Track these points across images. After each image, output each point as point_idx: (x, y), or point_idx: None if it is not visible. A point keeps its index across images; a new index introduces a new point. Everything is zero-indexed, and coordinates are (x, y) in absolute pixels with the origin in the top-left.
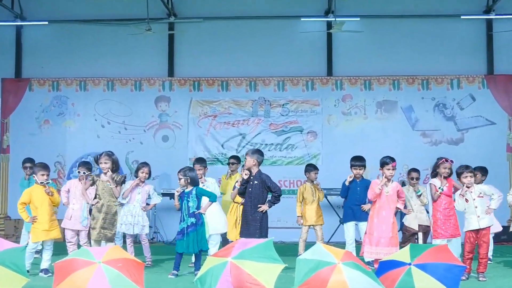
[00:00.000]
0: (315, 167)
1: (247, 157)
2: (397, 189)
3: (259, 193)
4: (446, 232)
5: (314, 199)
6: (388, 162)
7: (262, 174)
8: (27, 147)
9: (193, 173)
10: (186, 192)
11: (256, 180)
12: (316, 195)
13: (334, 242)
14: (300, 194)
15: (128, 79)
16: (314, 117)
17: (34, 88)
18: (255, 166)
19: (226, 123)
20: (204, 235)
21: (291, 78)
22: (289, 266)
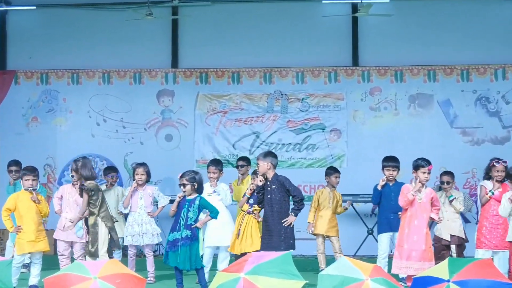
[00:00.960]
0: (336, 170)
1: (260, 162)
2: (431, 195)
3: (280, 198)
4: (490, 243)
5: (329, 206)
6: (423, 165)
7: (279, 176)
8: (12, 148)
9: (201, 179)
10: (188, 200)
11: (274, 184)
12: (333, 202)
13: (361, 256)
14: (315, 199)
15: (126, 71)
16: (337, 113)
17: (21, 81)
18: (270, 170)
19: (237, 120)
20: (198, 252)
21: (311, 69)
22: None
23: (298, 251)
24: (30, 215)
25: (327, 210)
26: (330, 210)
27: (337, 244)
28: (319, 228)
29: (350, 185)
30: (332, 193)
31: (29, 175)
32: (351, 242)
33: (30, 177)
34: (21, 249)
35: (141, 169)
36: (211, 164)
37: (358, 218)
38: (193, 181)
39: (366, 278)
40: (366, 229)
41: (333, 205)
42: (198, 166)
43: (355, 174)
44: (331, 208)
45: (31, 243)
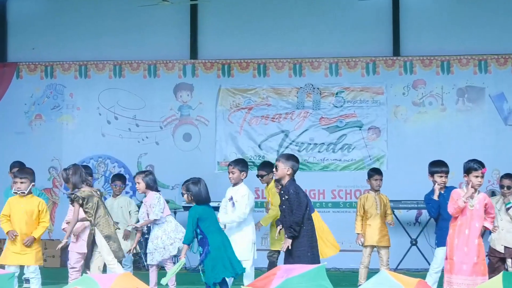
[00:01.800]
0: (376, 172)
1: (280, 163)
2: (485, 202)
3: (290, 211)
4: None
5: (377, 213)
6: (476, 168)
7: (291, 188)
8: (13, 149)
9: (196, 188)
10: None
11: (286, 194)
12: (381, 208)
13: (404, 269)
14: (360, 206)
15: (140, 63)
16: (376, 109)
17: (23, 75)
18: (288, 176)
19: (264, 117)
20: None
21: (346, 59)
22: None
23: (332, 264)
24: (19, 223)
25: (375, 217)
26: (379, 217)
27: (386, 256)
28: (368, 238)
29: (390, 190)
30: (378, 197)
31: (17, 177)
32: (392, 254)
33: (18, 180)
34: (5, 259)
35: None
36: (231, 162)
37: (400, 227)
38: (185, 190)
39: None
40: (409, 239)
41: (381, 211)
42: (220, 169)
43: (396, 178)
44: (379, 215)
45: (15, 255)
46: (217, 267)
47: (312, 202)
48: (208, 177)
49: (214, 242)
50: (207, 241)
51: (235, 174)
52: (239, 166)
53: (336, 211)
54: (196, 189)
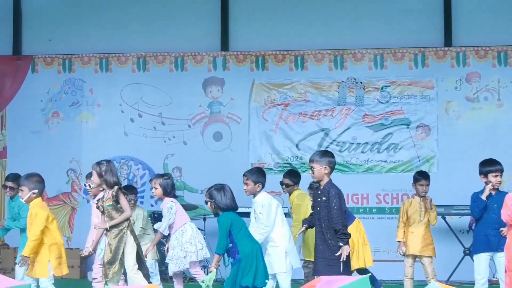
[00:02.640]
0: (423, 176)
1: (315, 164)
2: None
3: (326, 215)
4: None
5: (421, 220)
6: None
7: (332, 189)
8: (29, 149)
9: (220, 195)
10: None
11: (325, 196)
12: (425, 215)
13: (456, 281)
14: (403, 212)
15: (166, 55)
16: (426, 105)
17: (39, 69)
18: (326, 175)
19: (302, 114)
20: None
21: (393, 51)
22: None
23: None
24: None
25: (418, 224)
26: (423, 225)
27: (430, 267)
28: (410, 247)
29: (441, 194)
30: (422, 203)
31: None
32: (443, 265)
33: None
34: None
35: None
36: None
37: (451, 235)
38: (208, 197)
39: None
40: (462, 248)
41: (425, 219)
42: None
43: (447, 180)
44: (423, 222)
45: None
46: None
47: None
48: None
49: (245, 250)
50: (236, 249)
51: (249, 186)
52: (254, 177)
53: (382, 217)
54: (219, 196)
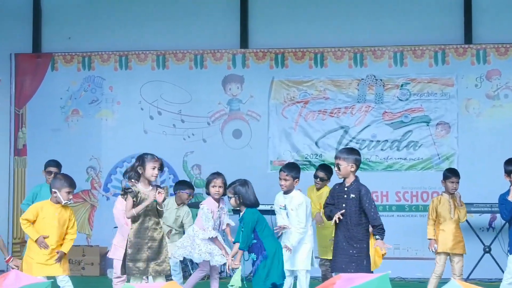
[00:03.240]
0: (453, 173)
1: (341, 161)
2: None
3: (356, 212)
4: None
5: (451, 217)
6: None
7: (362, 186)
8: (49, 147)
9: (244, 189)
10: (240, 219)
11: (353, 193)
12: (454, 212)
13: (476, 279)
14: (432, 209)
15: (185, 53)
16: (446, 103)
17: (58, 67)
18: (352, 173)
19: (321, 111)
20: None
21: (412, 48)
22: None
23: (397, 273)
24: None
25: (449, 222)
26: (453, 222)
27: (460, 265)
28: (441, 245)
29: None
30: (452, 200)
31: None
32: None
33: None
34: (28, 270)
35: (219, 181)
36: (284, 168)
37: (472, 233)
38: (233, 193)
39: None
40: (482, 246)
41: (455, 216)
42: (273, 169)
43: (468, 178)
44: (454, 220)
45: (41, 266)
46: (271, 274)
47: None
48: (260, 177)
49: (270, 248)
50: (262, 246)
51: (288, 181)
52: (293, 173)
53: (401, 215)
54: (244, 191)
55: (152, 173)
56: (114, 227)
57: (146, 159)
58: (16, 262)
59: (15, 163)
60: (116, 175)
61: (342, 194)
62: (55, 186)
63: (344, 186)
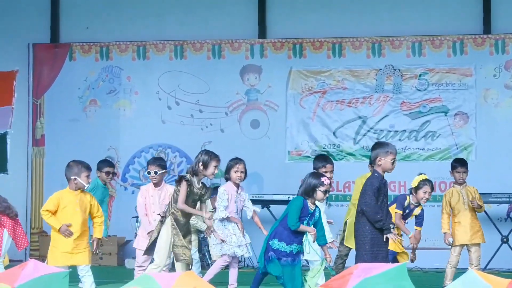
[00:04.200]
0: (460, 163)
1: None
2: None
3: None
4: None
5: (465, 208)
6: None
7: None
8: (67, 137)
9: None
10: (310, 211)
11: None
12: (468, 203)
13: (494, 269)
14: (446, 202)
15: (203, 43)
16: (464, 93)
17: (76, 57)
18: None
19: (339, 102)
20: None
21: (431, 38)
22: None
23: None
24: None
25: (464, 213)
26: (468, 213)
27: (477, 254)
28: (459, 237)
29: (479, 182)
30: (464, 191)
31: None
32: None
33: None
34: (54, 260)
35: (241, 166)
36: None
37: (489, 223)
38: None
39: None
40: (500, 236)
41: (469, 206)
42: (291, 159)
43: (486, 169)
44: (468, 210)
45: (65, 255)
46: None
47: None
48: (278, 167)
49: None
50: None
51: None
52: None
53: None
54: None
55: (213, 172)
56: (132, 217)
57: (210, 157)
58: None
59: (33, 153)
60: (134, 165)
61: (386, 188)
62: (73, 173)
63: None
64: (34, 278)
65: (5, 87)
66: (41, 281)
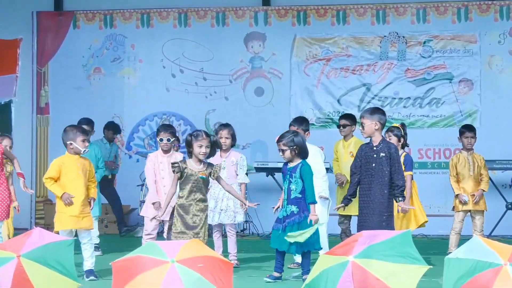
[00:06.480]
0: (469, 129)
1: (364, 120)
2: None
3: (384, 171)
4: None
5: (470, 174)
6: None
7: (391, 145)
8: (71, 105)
9: (301, 141)
10: (289, 169)
11: (383, 152)
12: (474, 169)
13: (499, 236)
14: (452, 166)
15: (207, 10)
16: (469, 60)
17: (80, 25)
18: (378, 131)
19: (343, 69)
20: (311, 232)
21: (435, 4)
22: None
23: (419, 230)
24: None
25: (468, 179)
26: (472, 179)
27: (480, 222)
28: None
29: (484, 149)
30: (471, 157)
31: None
32: (486, 219)
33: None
34: (61, 224)
35: (225, 132)
36: (292, 122)
37: (494, 190)
38: (292, 144)
39: (505, 263)
40: (505, 203)
41: (475, 173)
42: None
43: (490, 135)
44: (473, 177)
45: (72, 219)
46: (316, 233)
47: None
48: None
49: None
50: (304, 203)
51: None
52: (303, 125)
53: (423, 172)
54: (301, 140)
55: (199, 151)
56: (137, 185)
57: (192, 139)
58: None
59: (38, 121)
60: (138, 133)
61: (372, 153)
62: (69, 138)
63: (373, 146)
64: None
65: (9, 56)
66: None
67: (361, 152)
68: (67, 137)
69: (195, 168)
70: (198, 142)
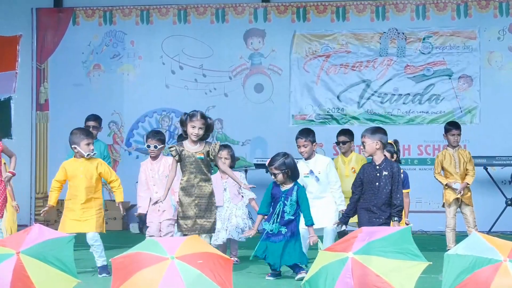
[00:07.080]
0: (454, 126)
1: (366, 139)
2: None
3: (388, 190)
4: None
5: (457, 171)
6: None
7: (394, 164)
8: (70, 102)
9: (292, 163)
10: (284, 191)
11: (386, 171)
12: (460, 166)
13: (498, 232)
14: (437, 163)
15: (207, 7)
16: (468, 56)
17: (80, 21)
18: (379, 150)
19: (343, 65)
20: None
21: (435, 1)
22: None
23: (419, 227)
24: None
25: (455, 176)
26: (459, 176)
27: (472, 216)
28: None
29: (483, 145)
30: (457, 154)
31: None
32: (485, 216)
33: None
34: (63, 228)
35: (225, 152)
36: (299, 135)
37: (493, 186)
38: (283, 168)
39: (505, 259)
40: (504, 199)
41: (461, 170)
42: (295, 123)
43: (490, 131)
44: (459, 174)
45: (72, 222)
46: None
47: None
48: (282, 131)
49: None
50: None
51: (308, 147)
52: (310, 137)
53: (423, 169)
54: (293, 163)
55: (191, 132)
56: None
57: (187, 118)
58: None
59: (37, 118)
60: (138, 130)
61: (374, 172)
62: (74, 142)
63: (375, 165)
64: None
65: (9, 52)
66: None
67: (363, 172)
68: (72, 141)
69: (191, 149)
70: (192, 123)
